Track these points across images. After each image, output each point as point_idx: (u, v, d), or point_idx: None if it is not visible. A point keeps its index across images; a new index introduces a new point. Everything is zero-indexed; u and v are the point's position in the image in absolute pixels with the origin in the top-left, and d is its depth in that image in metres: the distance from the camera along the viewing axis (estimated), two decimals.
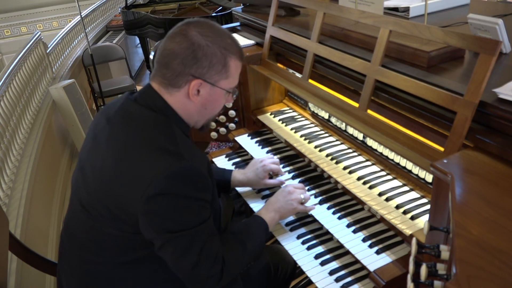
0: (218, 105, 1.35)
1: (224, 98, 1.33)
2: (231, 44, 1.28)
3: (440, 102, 1.23)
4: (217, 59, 1.24)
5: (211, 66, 1.24)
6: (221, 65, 1.25)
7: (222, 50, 1.24)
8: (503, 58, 1.40)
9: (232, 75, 1.29)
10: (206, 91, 1.26)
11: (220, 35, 1.27)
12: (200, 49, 1.22)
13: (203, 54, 1.22)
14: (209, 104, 1.30)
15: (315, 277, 1.38)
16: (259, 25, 2.23)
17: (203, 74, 1.24)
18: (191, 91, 1.24)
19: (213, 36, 1.24)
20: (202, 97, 1.27)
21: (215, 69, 1.25)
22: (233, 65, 1.28)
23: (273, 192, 1.77)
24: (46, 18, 8.24)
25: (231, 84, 1.31)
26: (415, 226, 1.34)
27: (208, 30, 1.25)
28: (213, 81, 1.26)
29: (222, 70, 1.26)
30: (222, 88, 1.29)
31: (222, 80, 1.28)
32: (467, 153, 1.13)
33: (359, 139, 1.74)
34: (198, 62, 1.22)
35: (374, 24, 1.46)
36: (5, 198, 2.39)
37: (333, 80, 1.71)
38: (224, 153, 2.10)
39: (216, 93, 1.29)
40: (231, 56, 1.27)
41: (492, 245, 0.81)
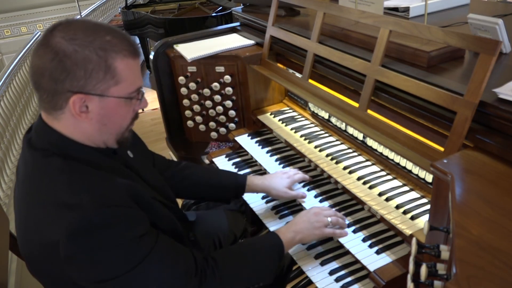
0: (122, 117, 1.12)
1: (127, 106, 1.11)
2: (111, 42, 1.04)
3: (440, 102, 1.23)
4: (93, 64, 1.02)
5: (88, 75, 1.02)
6: (102, 70, 1.03)
7: (98, 51, 1.02)
8: (503, 58, 1.40)
9: (124, 78, 1.06)
10: (96, 104, 1.05)
11: (94, 33, 1.03)
12: (67, 57, 1.00)
13: (73, 63, 1.00)
14: (107, 119, 1.09)
15: (315, 277, 1.38)
16: (259, 25, 2.23)
17: (82, 86, 1.02)
18: (74, 109, 1.04)
19: (83, 36, 1.02)
20: (93, 113, 1.06)
21: (95, 78, 1.03)
22: (121, 66, 1.05)
23: None
24: (46, 18, 8.24)
25: (127, 89, 1.08)
26: (415, 226, 1.34)
27: (76, 32, 1.02)
28: (99, 92, 1.04)
29: (106, 76, 1.04)
30: (116, 97, 1.07)
31: (111, 87, 1.05)
32: (467, 153, 1.13)
33: (359, 139, 1.74)
34: (70, 73, 1.00)
35: (374, 24, 1.46)
36: (5, 198, 2.39)
37: (333, 80, 1.71)
38: (224, 153, 2.10)
39: (110, 104, 1.07)
40: (114, 55, 1.04)
41: (492, 245, 0.81)
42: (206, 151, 2.28)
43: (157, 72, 2.28)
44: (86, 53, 1.01)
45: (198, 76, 2.21)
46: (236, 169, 1.96)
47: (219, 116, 2.27)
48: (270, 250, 1.33)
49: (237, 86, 2.17)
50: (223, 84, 2.18)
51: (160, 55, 2.26)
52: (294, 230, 1.38)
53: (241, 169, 1.95)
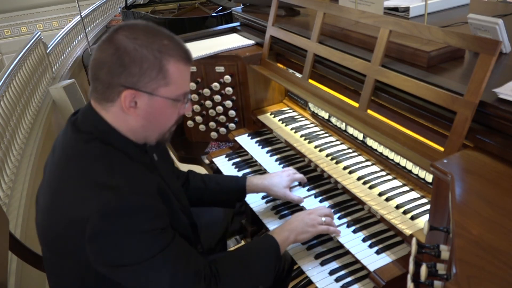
0: (166, 117, 1.18)
1: (173, 107, 1.16)
2: (168, 46, 1.11)
3: (440, 102, 1.23)
4: (149, 64, 1.08)
5: (142, 72, 1.08)
6: (155, 70, 1.09)
7: (155, 53, 1.08)
8: (503, 58, 1.40)
9: (174, 81, 1.12)
10: (144, 102, 1.11)
11: (154, 36, 1.10)
12: (126, 54, 1.07)
13: (131, 60, 1.07)
14: (152, 117, 1.15)
15: (315, 277, 1.38)
16: (259, 25, 2.23)
17: (134, 83, 1.08)
18: (124, 103, 1.10)
19: (144, 38, 1.09)
20: (141, 109, 1.12)
21: (148, 76, 1.09)
22: (173, 69, 1.11)
23: None
24: (46, 18, 8.25)
25: (175, 91, 1.14)
26: (415, 226, 1.34)
27: (139, 32, 1.10)
28: (149, 90, 1.10)
29: (158, 76, 1.10)
30: (164, 97, 1.12)
31: (161, 87, 1.11)
32: (467, 153, 1.13)
33: (359, 139, 1.74)
34: (126, 69, 1.07)
35: (374, 24, 1.46)
36: (5, 198, 2.39)
37: (333, 80, 1.71)
38: (224, 153, 2.10)
39: (157, 103, 1.13)
40: (169, 58, 1.10)
41: (492, 245, 0.81)
42: (206, 151, 2.28)
43: None
44: (144, 52, 1.08)
45: (198, 76, 2.21)
46: (236, 169, 1.96)
47: (219, 116, 2.27)
48: (267, 253, 1.34)
49: (237, 86, 2.17)
50: (223, 84, 2.18)
51: None
52: (288, 229, 1.40)
53: (241, 169, 1.95)
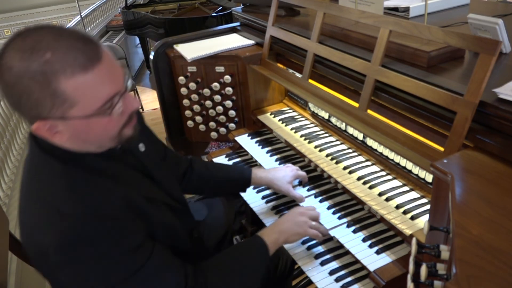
0: (101, 129, 1.01)
1: (103, 118, 0.98)
2: (50, 61, 0.88)
3: (440, 102, 1.23)
4: (37, 94, 0.89)
5: (36, 104, 0.90)
6: (48, 97, 0.90)
7: (37, 78, 0.88)
8: (503, 58, 1.40)
9: (79, 98, 0.92)
10: (63, 126, 0.96)
11: (30, 56, 0.88)
12: (11, 89, 0.90)
13: (18, 96, 0.90)
14: (84, 135, 1.00)
15: (315, 277, 1.38)
16: (259, 25, 2.23)
17: (37, 114, 0.92)
18: (43, 134, 0.97)
19: (18, 63, 0.88)
20: (66, 132, 0.97)
21: (45, 105, 0.91)
22: (70, 86, 0.90)
23: (274, 192, 1.78)
24: (46, 18, 8.25)
25: (91, 106, 0.94)
26: (415, 226, 1.34)
27: (13, 57, 0.89)
28: (58, 116, 0.93)
29: (55, 101, 0.91)
30: (80, 117, 0.94)
31: (68, 111, 0.93)
32: (467, 153, 1.13)
33: (359, 139, 1.74)
34: (20, 105, 0.92)
35: (374, 24, 1.46)
36: (5, 198, 2.40)
37: (333, 80, 1.71)
38: (224, 153, 2.10)
39: (78, 124, 0.96)
40: (57, 77, 0.89)
41: (492, 245, 0.81)
42: (206, 151, 2.29)
43: (157, 72, 2.28)
44: (25, 83, 0.88)
45: (198, 76, 2.21)
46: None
47: (219, 116, 2.27)
48: (256, 255, 1.31)
49: (237, 86, 2.17)
50: (223, 84, 2.18)
51: (160, 55, 2.26)
52: (278, 230, 1.36)
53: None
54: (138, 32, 5.86)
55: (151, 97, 6.14)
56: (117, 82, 0.99)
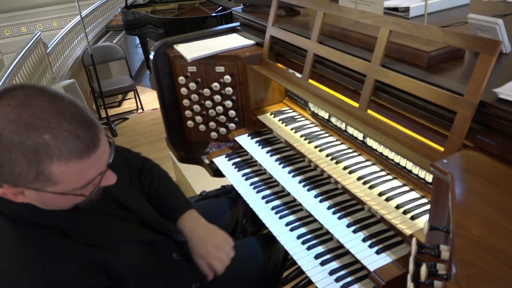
0: (68, 201, 0.98)
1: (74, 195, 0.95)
2: (48, 144, 0.84)
3: (440, 102, 1.23)
4: (22, 168, 0.85)
5: (15, 176, 0.86)
6: (32, 174, 0.86)
7: (29, 156, 0.84)
8: (503, 58, 1.40)
9: (64, 179, 0.89)
10: (32, 194, 0.92)
11: (27, 129, 0.83)
12: None
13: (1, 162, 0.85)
14: (49, 202, 0.96)
15: (315, 277, 1.38)
16: (259, 25, 2.23)
17: (12, 181, 0.88)
18: (7, 196, 0.91)
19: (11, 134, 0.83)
20: (31, 198, 0.93)
21: (24, 178, 0.87)
22: (59, 169, 0.87)
23: (274, 192, 1.78)
24: (46, 18, 8.25)
25: (70, 186, 0.92)
26: (415, 226, 1.34)
27: (12, 119, 0.83)
28: (34, 188, 0.89)
29: (38, 178, 0.87)
30: (55, 193, 0.91)
31: (47, 187, 0.90)
32: (467, 153, 1.13)
33: (359, 139, 1.74)
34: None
35: (374, 24, 1.46)
36: None
37: (333, 80, 1.71)
38: (224, 153, 2.10)
39: (48, 196, 0.92)
40: (49, 162, 0.86)
41: (492, 245, 0.81)
42: (206, 151, 2.28)
43: (157, 72, 2.28)
44: (12, 155, 0.83)
45: (198, 76, 2.21)
46: (236, 169, 1.96)
47: (219, 116, 2.27)
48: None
49: (237, 86, 2.17)
50: (223, 84, 2.18)
51: (160, 55, 2.26)
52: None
53: (241, 169, 1.96)
54: (138, 32, 5.87)
55: (151, 97, 6.16)
56: (103, 163, 0.96)
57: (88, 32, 5.96)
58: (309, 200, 1.60)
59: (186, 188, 3.50)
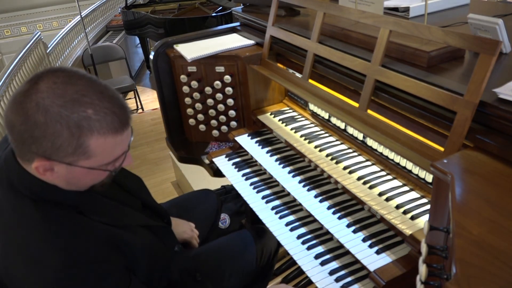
0: (93, 179, 1.05)
1: (100, 171, 1.02)
2: (91, 118, 0.93)
3: (440, 102, 1.23)
4: (63, 140, 0.92)
5: (55, 148, 0.93)
6: (72, 147, 0.94)
7: (72, 129, 0.92)
8: (503, 58, 1.40)
9: (97, 153, 0.97)
10: (62, 169, 0.98)
11: (73, 106, 0.92)
12: (36, 126, 0.91)
13: (41, 134, 0.91)
14: (75, 180, 1.02)
15: (315, 277, 1.38)
16: (259, 25, 2.23)
17: (48, 154, 0.94)
18: (38, 171, 0.98)
19: (58, 108, 0.91)
20: (59, 173, 0.99)
21: (63, 151, 0.94)
22: (97, 143, 0.95)
23: (274, 192, 1.78)
24: (46, 18, 8.25)
25: (100, 161, 1.00)
26: (415, 226, 1.34)
27: (55, 98, 0.91)
28: (66, 162, 0.96)
29: (76, 151, 0.95)
30: (86, 167, 0.99)
31: (81, 160, 0.97)
32: (467, 153, 1.13)
33: (359, 139, 1.74)
34: (37, 141, 0.92)
35: (374, 24, 1.46)
36: None
37: (333, 80, 1.71)
38: (224, 153, 2.10)
39: (79, 171, 0.99)
40: (91, 134, 0.94)
41: (492, 245, 0.81)
42: (206, 151, 2.28)
43: (157, 72, 2.28)
44: (58, 127, 0.91)
45: (198, 76, 2.21)
46: (236, 169, 1.96)
47: (219, 116, 2.27)
48: None
49: (237, 86, 2.17)
50: (223, 84, 2.18)
51: (160, 55, 2.26)
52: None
53: (241, 169, 1.96)
54: (138, 32, 5.87)
55: (151, 97, 6.15)
56: (127, 143, 1.06)
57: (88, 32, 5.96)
58: (309, 200, 1.60)
59: (186, 188, 3.50)
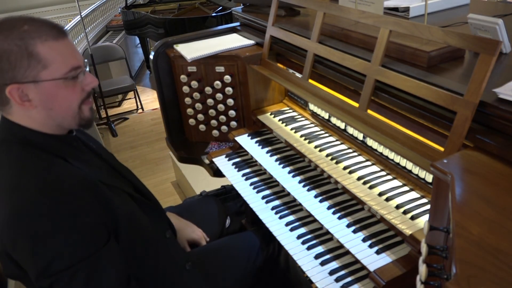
0: (66, 98, 1.14)
1: (68, 86, 1.13)
2: (28, 30, 1.08)
3: (440, 102, 1.23)
4: (15, 55, 1.06)
5: (13, 65, 1.06)
6: (25, 58, 1.06)
7: (16, 42, 1.06)
8: (503, 58, 1.40)
9: (51, 61, 1.09)
10: (34, 91, 1.09)
11: (10, 28, 1.08)
12: None
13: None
14: (51, 102, 1.12)
15: (315, 277, 1.38)
16: (259, 25, 2.23)
17: (13, 77, 1.07)
18: (15, 100, 1.09)
19: (2, 33, 1.07)
20: (35, 99, 1.10)
21: (21, 66, 1.06)
22: (44, 49, 1.08)
23: (274, 192, 1.78)
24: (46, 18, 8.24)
25: (60, 70, 1.11)
26: (415, 226, 1.34)
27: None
28: (31, 79, 1.08)
29: (31, 63, 1.07)
30: (50, 79, 1.10)
31: (41, 72, 1.08)
32: (467, 153, 1.13)
33: (359, 139, 1.74)
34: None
35: (374, 24, 1.46)
36: None
37: (333, 80, 1.71)
38: (224, 153, 2.10)
39: (47, 88, 1.10)
40: (34, 42, 1.07)
41: (492, 245, 0.81)
42: (206, 151, 2.28)
43: (157, 72, 2.28)
44: (5, 46, 1.05)
45: (198, 76, 2.21)
46: (236, 169, 1.96)
47: (220, 116, 2.27)
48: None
49: (237, 86, 2.17)
50: (223, 84, 2.18)
51: (160, 55, 2.26)
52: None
53: (241, 169, 1.96)
54: (138, 32, 5.87)
55: (151, 97, 6.15)
56: (79, 58, 1.17)
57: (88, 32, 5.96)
58: (309, 200, 1.60)
59: (186, 188, 3.50)
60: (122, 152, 4.67)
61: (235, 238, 1.76)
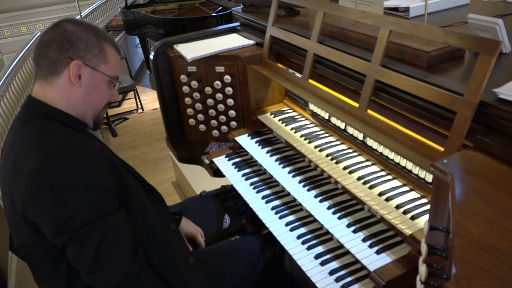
0: (103, 94, 1.35)
1: (107, 86, 1.35)
2: (104, 34, 1.35)
3: (440, 102, 1.23)
4: (92, 43, 1.28)
5: (87, 49, 1.28)
6: (97, 49, 1.29)
7: (96, 36, 1.30)
8: (503, 58, 1.40)
9: (111, 61, 1.33)
10: (88, 75, 1.29)
11: (92, 27, 1.33)
12: (73, 34, 1.26)
13: (78, 38, 1.26)
14: (93, 89, 1.31)
15: (315, 277, 1.38)
16: (259, 25, 2.23)
17: (81, 56, 1.27)
18: (72, 73, 1.26)
19: (85, 26, 1.31)
20: (84, 81, 1.29)
21: (92, 53, 1.28)
22: (110, 51, 1.33)
23: (274, 192, 1.78)
24: (46, 18, 8.23)
25: (111, 71, 1.34)
26: (415, 226, 1.34)
27: (80, 23, 1.31)
28: (92, 65, 1.29)
29: (100, 54, 1.30)
30: (103, 73, 1.31)
31: (101, 64, 1.31)
32: (467, 153, 1.13)
33: (359, 139, 1.74)
34: (74, 44, 1.26)
35: (374, 24, 1.46)
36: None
37: (333, 80, 1.71)
38: (224, 153, 2.10)
39: (98, 78, 1.31)
40: (106, 43, 1.32)
41: (492, 245, 0.81)
42: (206, 151, 2.28)
43: (157, 72, 2.28)
44: (88, 35, 1.29)
45: (198, 76, 2.21)
46: (236, 169, 1.96)
47: (220, 116, 2.27)
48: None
49: (237, 86, 2.17)
50: (223, 84, 2.18)
51: (160, 55, 2.26)
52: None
53: (241, 169, 1.96)
54: (138, 32, 5.87)
55: (151, 97, 6.15)
56: (118, 72, 1.39)
57: None
58: (309, 200, 1.60)
59: (186, 188, 3.50)
60: (122, 152, 4.67)
61: (235, 242, 1.77)
